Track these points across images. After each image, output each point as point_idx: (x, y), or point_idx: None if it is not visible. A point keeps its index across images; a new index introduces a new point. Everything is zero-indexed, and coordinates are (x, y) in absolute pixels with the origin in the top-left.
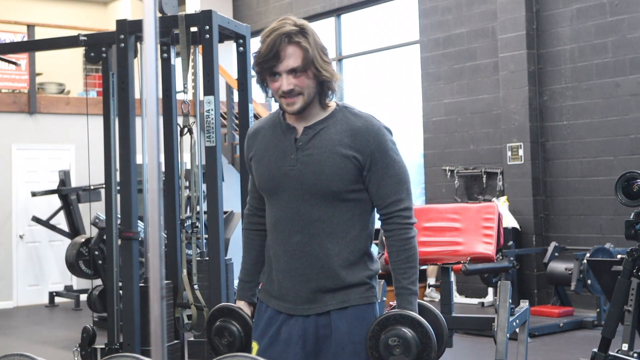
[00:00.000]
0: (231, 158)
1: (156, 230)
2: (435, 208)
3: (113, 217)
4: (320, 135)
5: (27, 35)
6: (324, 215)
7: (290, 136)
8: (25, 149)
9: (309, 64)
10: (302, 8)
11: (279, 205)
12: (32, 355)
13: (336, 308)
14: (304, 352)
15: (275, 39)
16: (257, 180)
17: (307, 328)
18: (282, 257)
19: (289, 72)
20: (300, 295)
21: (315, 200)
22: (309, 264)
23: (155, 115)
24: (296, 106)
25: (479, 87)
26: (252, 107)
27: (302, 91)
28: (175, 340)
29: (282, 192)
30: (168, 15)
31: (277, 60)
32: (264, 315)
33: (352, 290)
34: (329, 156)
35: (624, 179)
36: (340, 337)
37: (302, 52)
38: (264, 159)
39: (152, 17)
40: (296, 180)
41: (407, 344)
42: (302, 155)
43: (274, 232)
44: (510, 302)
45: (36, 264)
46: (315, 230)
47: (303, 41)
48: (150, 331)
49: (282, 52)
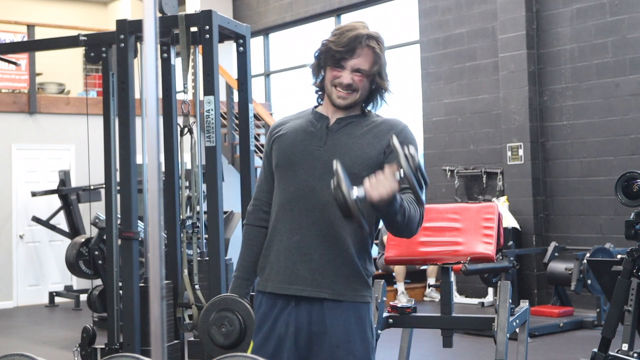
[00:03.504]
0: (231, 158)
1: (156, 230)
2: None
3: (113, 217)
4: (351, 126)
5: (27, 35)
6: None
7: (322, 123)
8: (25, 149)
9: (374, 70)
10: (302, 8)
11: (293, 182)
12: (32, 355)
13: (330, 299)
14: (297, 347)
15: (357, 36)
16: (278, 156)
17: (300, 323)
18: (287, 235)
19: (354, 70)
20: (297, 274)
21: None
22: (315, 244)
23: (155, 115)
24: (347, 101)
25: (479, 87)
26: (252, 107)
27: (358, 89)
28: (175, 340)
29: (300, 168)
30: (168, 15)
31: (351, 55)
32: (258, 311)
33: (350, 284)
34: (357, 141)
35: (624, 179)
36: (335, 334)
37: (373, 57)
38: (290, 138)
39: (152, 17)
40: (319, 160)
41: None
42: (331, 138)
43: (283, 210)
44: (510, 302)
45: (36, 264)
46: (327, 212)
47: (377, 48)
48: (150, 331)
49: (359, 49)
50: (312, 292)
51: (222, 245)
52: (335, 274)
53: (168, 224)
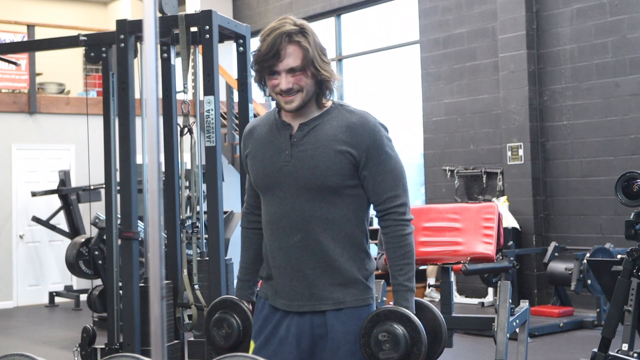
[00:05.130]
0: (231, 158)
1: (156, 230)
2: (435, 208)
3: (113, 217)
4: (315, 131)
5: (27, 35)
6: (319, 211)
7: (285, 133)
8: (25, 149)
9: (308, 63)
10: (302, 8)
11: (273, 202)
12: (32, 355)
13: (332, 309)
14: (299, 350)
15: (275, 38)
16: (253, 177)
17: (303, 327)
18: (278, 253)
19: (288, 71)
20: (295, 291)
21: (311, 196)
22: (304, 260)
23: (155, 115)
24: (294, 104)
25: (479, 87)
26: (252, 107)
27: (301, 89)
28: (175, 340)
29: (276, 188)
30: (168, 15)
31: (277, 59)
32: (260, 314)
33: (348, 290)
34: (323, 151)
35: (624, 179)
36: (336, 336)
37: (301, 52)
38: (259, 156)
39: (152, 17)
40: (291, 176)
41: (396, 339)
42: (296, 151)
43: (269, 230)
44: (510, 302)
45: (36, 264)
46: (311, 226)
47: (303, 41)
48: (150, 331)
49: (282, 51)
50: (313, 307)
51: (222, 245)
52: (331, 284)
53: (168, 224)
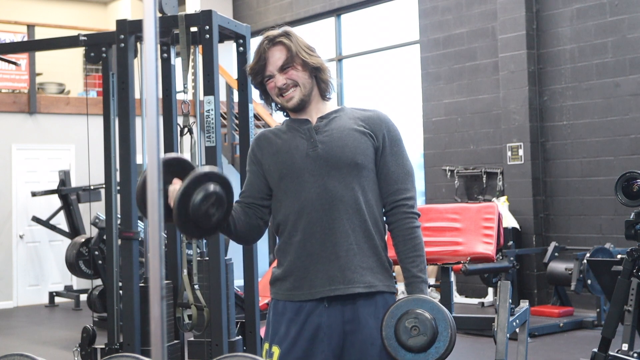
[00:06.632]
0: (231, 158)
1: (156, 230)
2: (435, 208)
3: (113, 217)
4: (335, 121)
5: (27, 35)
6: (350, 191)
7: (305, 126)
8: (25, 149)
9: (293, 56)
10: (302, 8)
11: (303, 187)
12: (32, 355)
13: (363, 292)
14: (330, 348)
15: (259, 47)
16: (279, 168)
17: (333, 323)
18: (309, 240)
19: (280, 71)
20: (327, 274)
21: (342, 175)
22: (336, 242)
23: (155, 115)
24: (294, 99)
25: (479, 87)
26: (252, 107)
27: (297, 82)
28: (175, 340)
29: (306, 173)
30: (168, 15)
31: (266, 62)
32: (283, 318)
33: (376, 275)
34: (349, 133)
35: (624, 179)
36: (369, 332)
37: (285, 49)
38: (283, 150)
39: (152, 17)
40: (321, 159)
41: (424, 324)
42: (322, 136)
43: (298, 218)
44: (510, 302)
45: (36, 264)
46: (343, 206)
47: (285, 40)
48: (150, 331)
49: (268, 53)
50: (346, 289)
51: (222, 245)
52: (362, 267)
53: (168, 224)
